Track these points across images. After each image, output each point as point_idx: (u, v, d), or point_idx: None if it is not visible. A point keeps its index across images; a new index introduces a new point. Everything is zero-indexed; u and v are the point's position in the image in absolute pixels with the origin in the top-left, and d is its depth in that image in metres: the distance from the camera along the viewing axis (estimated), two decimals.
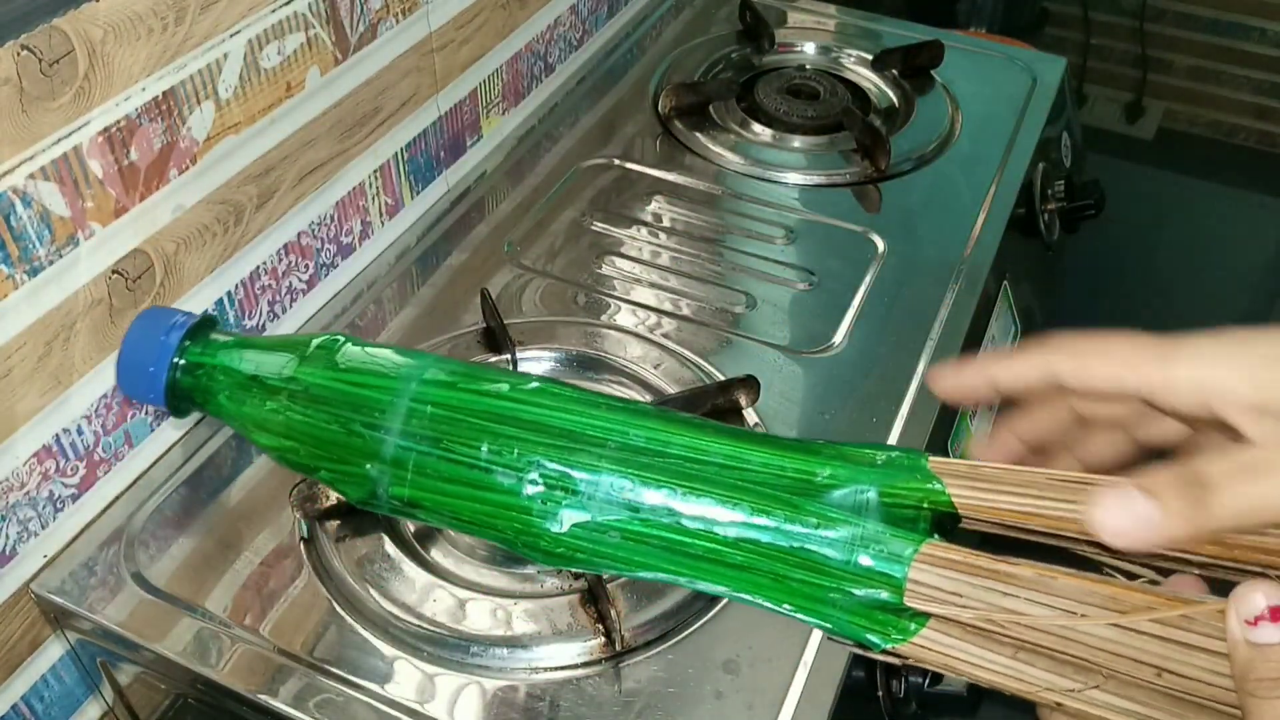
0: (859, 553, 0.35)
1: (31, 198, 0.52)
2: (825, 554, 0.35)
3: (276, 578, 0.58)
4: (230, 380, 0.44)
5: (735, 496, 0.36)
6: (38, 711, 0.61)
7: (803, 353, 0.72)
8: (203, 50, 0.59)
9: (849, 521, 0.35)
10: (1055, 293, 1.07)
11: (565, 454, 0.38)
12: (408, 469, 0.41)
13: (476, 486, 0.40)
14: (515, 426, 0.39)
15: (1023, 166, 0.90)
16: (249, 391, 0.43)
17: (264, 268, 0.69)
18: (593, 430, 0.39)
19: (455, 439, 0.40)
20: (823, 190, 0.87)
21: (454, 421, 0.40)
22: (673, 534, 0.37)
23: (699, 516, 0.37)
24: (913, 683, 0.58)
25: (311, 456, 0.43)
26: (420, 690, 0.53)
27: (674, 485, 0.37)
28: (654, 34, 1.06)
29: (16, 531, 0.57)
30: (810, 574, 0.36)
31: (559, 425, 0.39)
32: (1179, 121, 1.96)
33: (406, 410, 0.41)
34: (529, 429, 0.39)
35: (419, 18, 0.75)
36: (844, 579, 0.35)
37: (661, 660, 0.54)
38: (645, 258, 0.79)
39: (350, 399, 0.42)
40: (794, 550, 0.36)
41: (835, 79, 0.99)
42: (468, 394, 0.41)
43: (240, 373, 0.43)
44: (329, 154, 0.71)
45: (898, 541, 0.35)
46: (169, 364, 0.43)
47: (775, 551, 0.36)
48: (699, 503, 0.37)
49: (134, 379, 0.42)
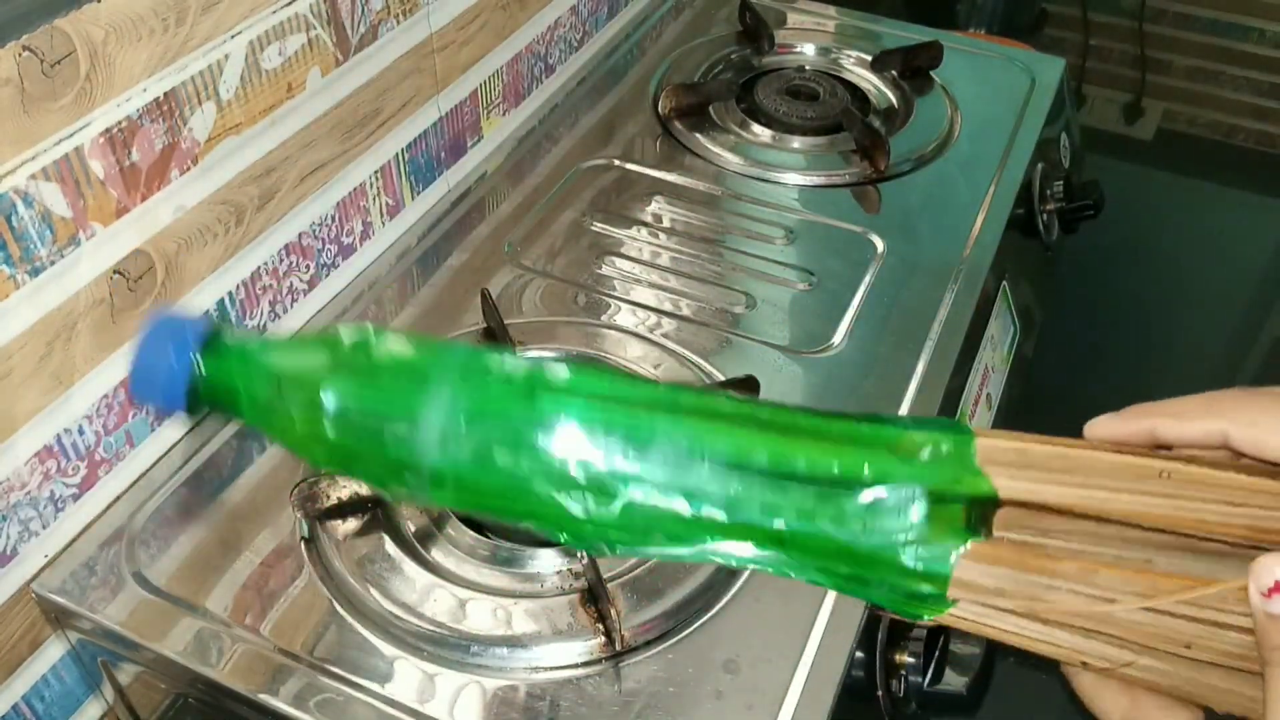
0: (904, 554, 0.35)
1: (33, 198, 0.52)
2: (870, 553, 0.36)
3: (277, 577, 0.58)
4: (255, 385, 0.43)
5: (779, 502, 0.37)
6: (38, 711, 0.62)
7: (803, 353, 0.72)
8: (204, 51, 0.59)
9: (894, 523, 0.36)
10: (1054, 293, 1.07)
11: (608, 458, 0.38)
12: (447, 485, 0.40)
13: (519, 493, 0.39)
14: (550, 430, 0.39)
15: (1022, 167, 0.90)
16: (277, 396, 0.42)
17: (265, 268, 0.69)
18: (636, 433, 0.38)
19: (496, 446, 0.39)
20: (822, 191, 0.87)
21: (492, 428, 0.39)
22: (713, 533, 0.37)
23: (741, 524, 0.37)
24: (913, 683, 0.58)
25: (343, 464, 0.42)
26: (420, 690, 0.53)
27: (711, 501, 0.37)
28: (654, 34, 1.06)
29: (17, 531, 0.57)
30: (855, 567, 0.36)
31: (599, 423, 0.39)
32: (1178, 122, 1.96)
33: (443, 423, 0.39)
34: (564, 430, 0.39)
35: (419, 19, 0.75)
36: (889, 574, 0.36)
37: (661, 660, 0.55)
38: (645, 258, 0.79)
39: (383, 407, 0.40)
40: (839, 549, 0.36)
41: (835, 80, 0.99)
42: (504, 400, 0.40)
43: (267, 374, 0.42)
44: (330, 154, 0.71)
45: (943, 544, 0.35)
46: (188, 368, 0.42)
47: (820, 547, 0.36)
48: (741, 513, 0.37)
49: (150, 386, 0.41)
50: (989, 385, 0.80)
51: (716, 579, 0.57)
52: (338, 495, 0.59)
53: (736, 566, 0.37)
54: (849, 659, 0.55)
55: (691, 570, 0.57)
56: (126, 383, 0.45)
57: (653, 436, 0.38)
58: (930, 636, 0.59)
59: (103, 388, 0.59)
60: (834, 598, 0.57)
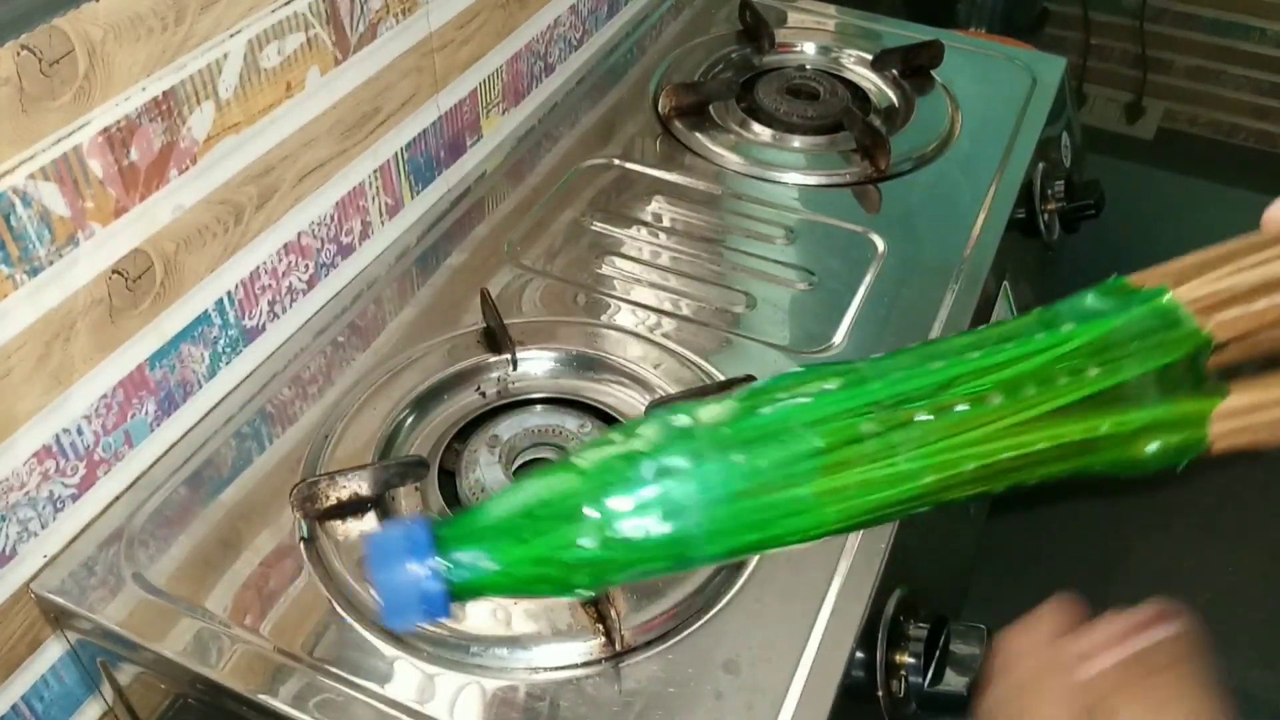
0: (1155, 442, 0.38)
1: (31, 198, 0.52)
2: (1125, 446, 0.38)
3: (276, 578, 0.58)
4: (508, 561, 0.40)
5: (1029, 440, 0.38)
6: (38, 711, 0.61)
7: (803, 353, 0.72)
8: (203, 50, 0.59)
9: (1145, 420, 0.38)
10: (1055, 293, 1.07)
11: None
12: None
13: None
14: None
15: (1022, 166, 0.90)
16: (534, 566, 0.40)
17: (264, 267, 0.69)
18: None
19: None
20: (822, 190, 0.87)
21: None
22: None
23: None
24: (913, 683, 0.58)
25: (600, 578, 0.39)
26: (420, 690, 0.53)
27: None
28: (654, 34, 1.06)
29: (16, 531, 0.57)
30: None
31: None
32: (1179, 121, 1.96)
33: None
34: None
35: (419, 18, 0.75)
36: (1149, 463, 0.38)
37: (661, 660, 0.54)
38: (645, 258, 0.79)
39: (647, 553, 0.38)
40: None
41: (835, 79, 0.99)
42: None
43: (516, 554, 0.38)
44: (329, 154, 0.71)
45: (1191, 425, 0.37)
46: (436, 576, 0.39)
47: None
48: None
49: (407, 609, 0.39)
50: None
51: (716, 579, 0.57)
52: (337, 495, 0.59)
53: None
54: (849, 659, 0.55)
55: (691, 570, 0.57)
56: (382, 614, 0.42)
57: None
58: (930, 637, 0.59)
59: (101, 388, 0.59)
60: (834, 598, 0.57)
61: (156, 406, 0.64)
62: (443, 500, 0.61)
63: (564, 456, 0.41)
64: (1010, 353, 0.38)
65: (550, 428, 0.65)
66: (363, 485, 0.59)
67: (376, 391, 0.67)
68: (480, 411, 0.67)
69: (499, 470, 0.62)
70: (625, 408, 0.67)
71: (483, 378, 0.69)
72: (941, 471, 0.37)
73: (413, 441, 0.66)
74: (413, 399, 0.67)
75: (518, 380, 0.70)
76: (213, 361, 0.67)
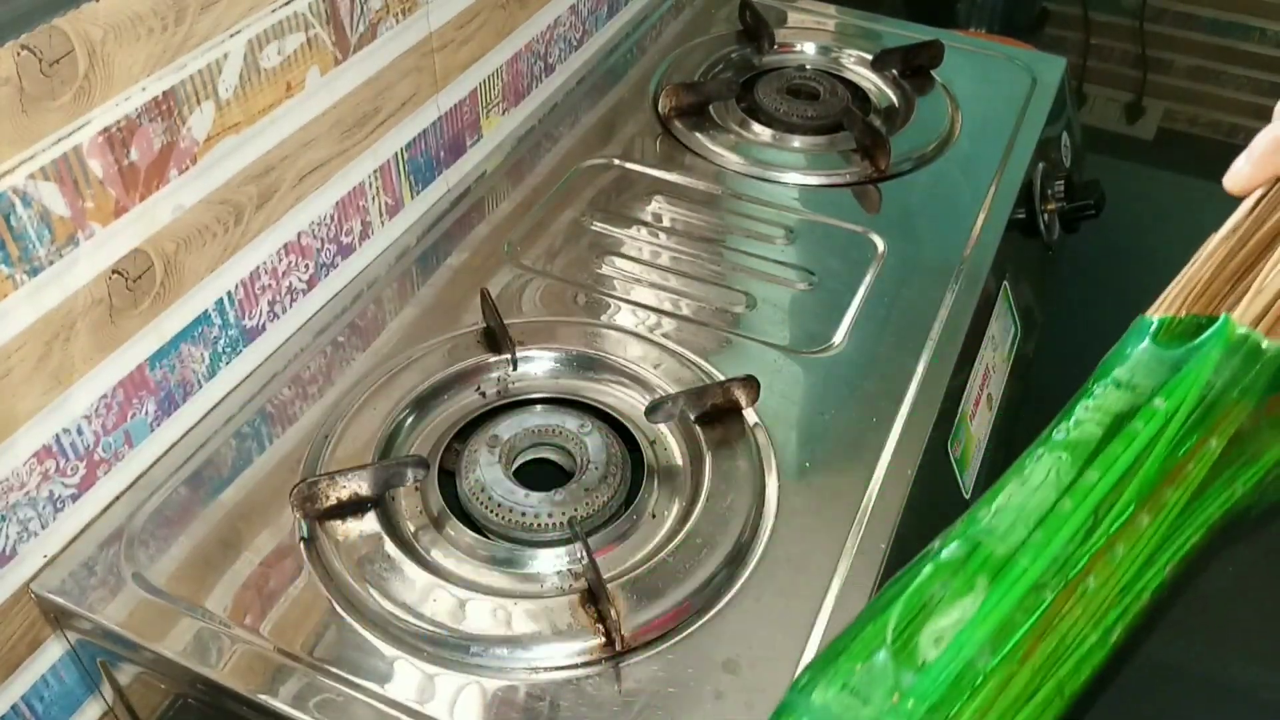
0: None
1: (31, 198, 0.52)
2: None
3: (276, 578, 0.58)
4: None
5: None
6: (38, 711, 0.61)
7: (802, 353, 0.72)
8: (203, 50, 0.59)
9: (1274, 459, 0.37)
10: (1055, 293, 1.07)
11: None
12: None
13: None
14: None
15: (1023, 166, 0.90)
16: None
17: (264, 267, 0.69)
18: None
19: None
20: (822, 190, 0.87)
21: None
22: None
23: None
24: None
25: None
26: (420, 690, 0.53)
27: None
28: (654, 34, 1.06)
29: (16, 531, 0.57)
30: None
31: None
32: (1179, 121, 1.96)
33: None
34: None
35: (419, 18, 0.75)
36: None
37: (661, 660, 0.54)
38: (645, 258, 0.79)
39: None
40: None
41: (835, 79, 0.99)
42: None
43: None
44: (329, 154, 0.71)
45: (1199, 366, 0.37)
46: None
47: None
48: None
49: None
50: (989, 385, 0.80)
51: (716, 579, 0.57)
52: (337, 495, 0.59)
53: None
54: None
55: (691, 570, 0.57)
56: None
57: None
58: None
59: (101, 388, 0.59)
60: (834, 598, 0.57)
61: (156, 406, 0.64)
62: (443, 500, 0.61)
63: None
64: (1125, 459, 0.36)
65: (550, 428, 0.65)
66: (363, 485, 0.59)
67: (376, 391, 0.67)
68: (480, 411, 0.67)
69: (499, 470, 0.62)
70: (625, 408, 0.67)
71: (483, 378, 0.70)
72: (1125, 619, 0.36)
73: (413, 441, 0.66)
74: (413, 399, 0.67)
75: (518, 380, 0.70)
76: (213, 361, 0.67)
